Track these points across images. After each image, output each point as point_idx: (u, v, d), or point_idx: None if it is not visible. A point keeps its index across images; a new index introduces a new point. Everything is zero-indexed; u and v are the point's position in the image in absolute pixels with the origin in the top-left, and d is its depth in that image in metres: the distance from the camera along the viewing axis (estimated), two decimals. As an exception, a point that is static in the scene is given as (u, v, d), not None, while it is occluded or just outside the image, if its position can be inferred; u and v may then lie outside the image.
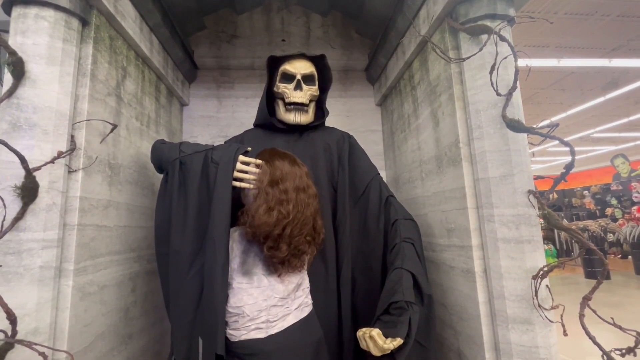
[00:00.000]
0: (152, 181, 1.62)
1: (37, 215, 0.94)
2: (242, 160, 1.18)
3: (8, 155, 0.91)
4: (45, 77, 1.01)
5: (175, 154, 1.21)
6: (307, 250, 1.15)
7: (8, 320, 0.80)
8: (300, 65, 1.48)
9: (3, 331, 0.80)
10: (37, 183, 0.94)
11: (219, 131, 2.19)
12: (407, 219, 1.39)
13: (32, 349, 0.79)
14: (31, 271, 0.92)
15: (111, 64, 1.28)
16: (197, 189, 1.15)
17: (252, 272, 1.13)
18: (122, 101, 1.36)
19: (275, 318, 1.09)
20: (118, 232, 1.30)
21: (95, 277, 1.13)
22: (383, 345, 1.00)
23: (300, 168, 1.20)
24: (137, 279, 1.44)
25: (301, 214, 1.11)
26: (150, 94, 1.65)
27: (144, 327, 1.48)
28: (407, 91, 1.81)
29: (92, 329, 1.10)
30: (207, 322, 1.05)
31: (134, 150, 1.46)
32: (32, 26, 1.03)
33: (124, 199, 1.35)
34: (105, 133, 1.21)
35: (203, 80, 2.24)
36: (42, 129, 0.99)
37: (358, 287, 1.44)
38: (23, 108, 0.97)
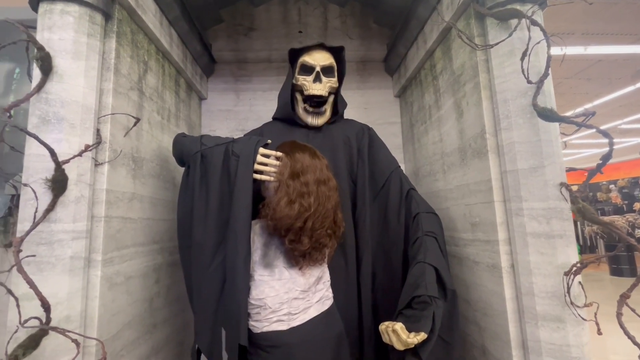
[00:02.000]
0: (173, 175, 1.65)
1: (67, 207, 0.97)
2: (262, 153, 1.17)
3: (38, 149, 0.94)
4: (71, 72, 1.03)
5: (196, 147, 1.22)
6: (327, 243, 1.14)
7: (42, 308, 0.83)
8: (319, 57, 1.45)
9: (38, 318, 0.83)
10: (66, 176, 0.96)
11: (237, 124, 2.20)
12: (429, 213, 1.36)
13: (66, 336, 0.81)
14: (62, 261, 0.94)
15: (133, 58, 1.29)
16: (218, 181, 1.16)
17: (274, 264, 1.13)
18: (144, 95, 1.38)
19: (297, 311, 1.09)
20: (142, 224, 1.32)
21: (122, 268, 1.16)
22: (407, 340, 0.98)
23: (321, 160, 1.19)
24: (161, 271, 1.46)
25: (322, 206, 1.10)
26: (170, 88, 1.67)
27: (168, 318, 1.52)
28: (428, 81, 1.76)
29: (119, 318, 1.13)
30: (230, 314, 1.06)
31: (156, 144, 1.48)
32: (58, 21, 1.04)
33: (147, 192, 1.37)
34: (129, 127, 1.23)
35: (221, 74, 2.25)
36: (69, 122, 1.00)
37: (378, 280, 1.42)
38: (51, 102, 0.99)
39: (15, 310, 0.86)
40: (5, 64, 2.87)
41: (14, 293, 0.88)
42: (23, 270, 0.82)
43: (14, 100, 2.66)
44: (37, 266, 0.91)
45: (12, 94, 2.80)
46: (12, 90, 2.82)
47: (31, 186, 0.92)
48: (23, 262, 0.86)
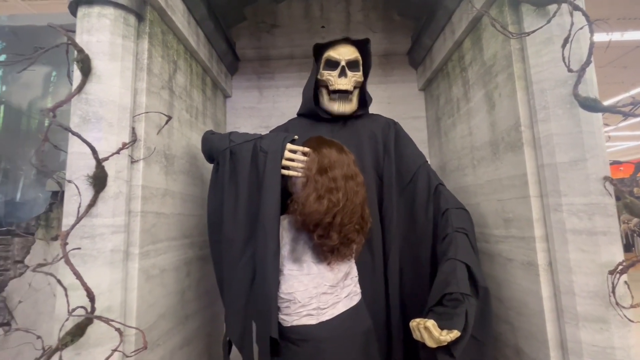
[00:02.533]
0: (202, 171, 1.69)
1: (107, 203, 1.01)
2: (289, 149, 1.18)
3: (80, 147, 0.98)
4: (108, 73, 1.07)
5: (225, 143, 1.24)
6: (355, 239, 1.14)
7: (88, 298, 0.87)
8: (344, 51, 1.44)
9: (84, 308, 0.87)
10: (106, 172, 1.00)
11: (260, 121, 2.22)
12: (459, 209, 1.33)
13: (109, 325, 0.85)
14: (103, 254, 0.99)
15: (164, 58, 1.33)
16: (247, 177, 1.18)
17: (302, 259, 1.14)
18: (174, 94, 1.41)
19: (326, 305, 1.10)
20: (174, 219, 1.36)
21: (157, 261, 1.20)
22: (439, 337, 0.96)
23: (348, 156, 1.18)
24: (191, 265, 1.51)
25: (351, 202, 1.10)
26: (198, 87, 1.71)
27: (198, 310, 1.56)
28: (456, 73, 1.71)
29: (155, 309, 1.18)
30: (260, 307, 1.08)
31: (185, 141, 1.52)
32: (96, 24, 1.08)
33: (178, 188, 1.41)
34: (161, 125, 1.27)
35: (244, 71, 2.27)
36: (107, 122, 1.05)
37: (405, 277, 1.41)
38: (91, 102, 1.04)
39: (62, 300, 0.91)
40: (43, 68, 3.02)
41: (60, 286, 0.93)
42: (70, 262, 0.86)
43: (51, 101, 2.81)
44: (81, 258, 0.96)
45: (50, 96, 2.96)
46: (50, 92, 2.97)
47: (75, 183, 0.97)
48: (69, 255, 0.91)
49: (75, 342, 0.89)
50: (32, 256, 2.10)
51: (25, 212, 2.72)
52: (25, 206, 2.67)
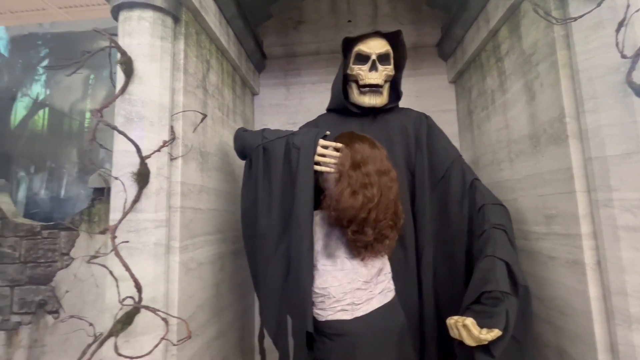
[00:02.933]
0: (232, 168, 1.73)
1: (150, 198, 1.06)
2: (322, 144, 1.18)
3: (125, 146, 1.03)
4: (148, 74, 1.11)
5: (258, 140, 1.26)
6: (389, 235, 1.13)
7: (136, 288, 0.92)
8: (375, 45, 1.42)
9: (132, 297, 0.92)
10: (149, 169, 1.05)
11: (287, 118, 2.24)
12: (496, 204, 1.28)
13: (156, 314, 0.90)
14: (148, 247, 1.04)
15: (198, 57, 1.37)
16: (280, 173, 1.19)
17: (335, 255, 1.14)
18: (207, 92, 1.45)
19: (360, 301, 1.10)
20: (209, 214, 1.41)
21: (195, 255, 1.25)
22: (479, 336, 0.94)
23: (380, 151, 1.17)
24: (225, 259, 1.55)
25: (385, 197, 1.09)
26: (228, 85, 1.74)
27: (231, 303, 1.61)
28: (490, 64, 1.64)
29: (194, 301, 1.22)
30: (295, 302, 1.09)
31: (218, 139, 1.56)
32: (136, 27, 1.13)
33: (212, 184, 1.46)
34: (196, 123, 1.31)
35: (271, 69, 2.30)
36: (149, 121, 1.09)
37: (439, 274, 1.38)
38: (133, 103, 1.08)
39: (112, 290, 0.97)
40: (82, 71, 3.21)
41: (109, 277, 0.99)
42: (119, 255, 0.91)
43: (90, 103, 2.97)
44: (128, 251, 1.01)
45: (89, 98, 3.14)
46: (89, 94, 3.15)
47: (120, 179, 1.02)
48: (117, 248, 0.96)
49: (125, 330, 0.94)
50: (77, 249, 2.24)
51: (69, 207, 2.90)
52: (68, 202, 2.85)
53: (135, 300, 0.92)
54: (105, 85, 3.04)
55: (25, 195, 2.83)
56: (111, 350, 0.95)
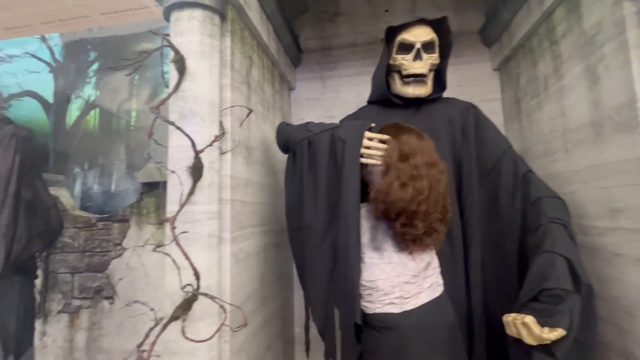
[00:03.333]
0: (273, 162, 1.76)
1: (203, 191, 1.10)
2: (368, 137, 1.17)
3: (180, 141, 1.08)
4: (199, 71, 1.15)
5: (302, 134, 1.27)
6: (439, 228, 1.10)
7: (195, 276, 0.97)
8: (419, 33, 1.37)
9: (191, 285, 0.97)
10: (202, 163, 1.09)
11: (324, 112, 2.24)
12: (553, 197, 1.21)
13: (214, 302, 0.94)
14: (202, 238, 1.08)
15: (242, 54, 1.40)
16: (325, 166, 1.20)
17: (382, 248, 1.13)
18: (250, 88, 1.48)
19: (409, 295, 1.08)
20: (254, 207, 1.44)
21: (243, 246, 1.29)
22: (541, 335, 0.90)
23: (428, 142, 1.14)
24: (268, 250, 1.59)
25: (435, 190, 1.06)
26: (268, 80, 1.77)
27: (274, 293, 1.65)
28: (543, 48, 1.54)
29: (243, 291, 1.27)
30: (343, 294, 1.10)
31: (261, 133, 1.59)
32: (187, 27, 1.17)
33: (256, 178, 1.49)
34: (242, 118, 1.34)
35: (307, 63, 2.30)
36: (200, 116, 1.13)
37: (488, 270, 1.33)
38: (186, 99, 1.13)
39: (171, 278, 1.02)
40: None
41: (168, 265, 1.05)
42: (180, 244, 0.96)
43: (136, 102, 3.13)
44: (185, 241, 1.06)
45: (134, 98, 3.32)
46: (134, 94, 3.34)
47: (177, 173, 1.07)
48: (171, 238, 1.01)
49: (184, 316, 0.99)
50: (128, 239, 2.39)
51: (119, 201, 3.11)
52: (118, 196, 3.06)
53: (194, 287, 0.97)
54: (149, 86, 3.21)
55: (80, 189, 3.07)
56: (172, 333, 1.01)
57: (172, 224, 1.00)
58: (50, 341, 2.39)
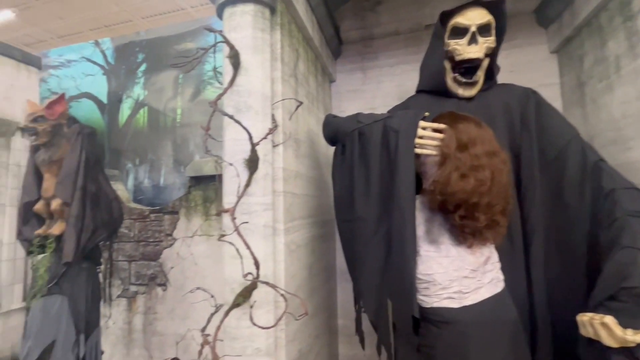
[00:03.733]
0: (317, 155, 1.76)
1: (258, 183, 1.13)
2: (422, 126, 1.13)
3: (237, 134, 1.11)
4: (252, 65, 1.17)
5: (352, 125, 1.25)
6: (501, 221, 1.05)
7: (255, 265, 1.00)
8: (474, 15, 1.30)
9: (251, 273, 1.00)
10: (258, 156, 1.11)
11: (364, 104, 2.21)
12: (629, 189, 1.10)
13: (276, 290, 0.96)
14: (258, 228, 1.11)
15: (290, 46, 1.40)
16: (378, 157, 1.17)
17: (439, 241, 1.10)
18: (297, 81, 1.49)
19: (468, 290, 1.04)
20: (302, 199, 1.46)
21: (294, 237, 1.31)
22: (624, 337, 0.83)
23: (487, 131, 1.08)
24: (315, 242, 1.61)
25: (497, 181, 1.01)
26: (312, 73, 1.77)
27: (320, 284, 1.67)
28: (614, 25, 1.40)
29: (295, 281, 1.29)
30: (399, 287, 1.08)
31: (307, 126, 1.60)
32: (240, 22, 1.19)
33: (304, 170, 1.51)
34: (291, 111, 1.35)
35: (347, 54, 2.27)
36: (254, 110, 1.16)
37: (550, 266, 1.24)
38: (241, 94, 1.15)
39: (230, 267, 1.06)
40: (171, 72, 3.56)
41: (227, 254, 1.09)
42: (241, 234, 0.99)
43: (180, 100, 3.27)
44: (242, 232, 1.09)
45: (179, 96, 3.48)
46: (179, 92, 3.50)
47: (235, 165, 1.10)
48: (229, 228, 1.05)
49: (244, 303, 1.03)
50: (178, 230, 2.53)
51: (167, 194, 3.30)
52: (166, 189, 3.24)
53: (254, 276, 1.00)
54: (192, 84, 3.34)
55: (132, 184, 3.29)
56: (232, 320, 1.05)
57: (232, 214, 1.03)
58: (111, 323, 2.60)
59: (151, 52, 3.57)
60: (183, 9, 6.50)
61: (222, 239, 1.01)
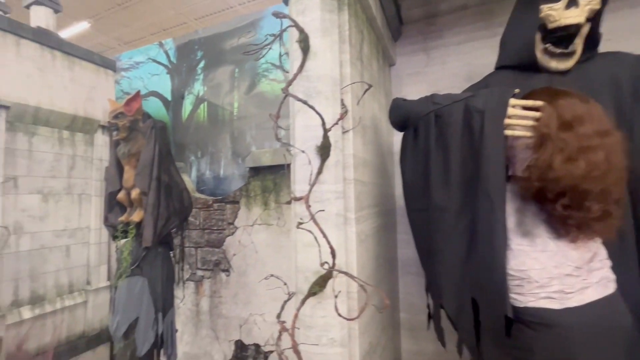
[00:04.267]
0: (380, 141, 1.69)
1: (330, 171, 1.10)
2: (513, 104, 1.00)
3: (308, 121, 1.08)
4: (321, 48, 1.13)
5: (427, 107, 1.16)
6: (614, 212, 0.90)
7: (331, 255, 0.97)
8: (574, -29, 1.12)
9: (327, 262, 0.98)
10: (330, 142, 1.08)
11: (428, 87, 2.06)
12: None
13: (355, 281, 0.93)
14: (331, 217, 1.08)
15: (356, 28, 1.34)
16: (459, 141, 1.07)
17: (533, 233, 0.97)
18: (363, 64, 1.42)
19: (572, 290, 0.91)
20: (369, 187, 1.40)
21: (363, 227, 1.27)
22: None
23: (595, 106, 0.93)
24: (380, 232, 1.55)
25: (614, 165, 0.86)
26: (374, 56, 1.68)
27: (384, 276, 1.61)
28: None
29: (364, 271, 1.25)
30: (486, 283, 0.98)
31: (371, 112, 1.53)
32: (308, 4, 1.15)
33: (369, 157, 1.44)
34: (358, 96, 1.29)
35: (408, 35, 2.13)
36: (324, 95, 1.12)
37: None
38: (311, 79, 1.12)
39: (304, 255, 1.05)
40: (228, 67, 3.69)
41: (300, 242, 1.07)
42: (317, 223, 0.97)
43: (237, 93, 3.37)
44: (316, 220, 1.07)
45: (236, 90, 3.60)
46: (235, 86, 3.62)
47: (307, 153, 1.07)
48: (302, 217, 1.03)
49: (320, 292, 1.01)
50: (239, 219, 2.63)
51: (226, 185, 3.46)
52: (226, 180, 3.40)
53: (330, 265, 0.98)
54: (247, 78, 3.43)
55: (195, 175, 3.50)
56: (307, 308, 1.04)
57: (307, 202, 1.01)
58: (182, 304, 2.81)
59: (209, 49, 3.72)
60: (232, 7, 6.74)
61: (300, 226, 1.00)
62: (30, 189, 3.00)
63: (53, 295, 3.12)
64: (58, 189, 3.21)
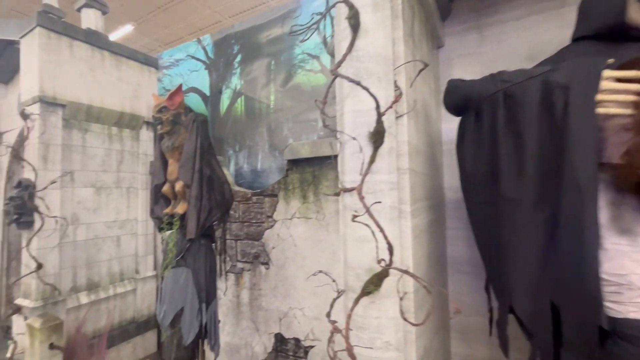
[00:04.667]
0: (430, 129, 1.55)
1: (383, 159, 1.00)
2: (608, 76, 0.84)
3: (358, 105, 0.99)
4: (372, 25, 1.03)
5: (494, 86, 1.02)
6: None
7: (388, 251, 0.88)
8: None
9: (384, 260, 0.89)
10: (384, 128, 0.98)
11: (481, 69, 1.86)
12: None
13: (417, 281, 0.83)
14: (385, 210, 0.99)
15: (408, 2, 1.21)
16: (536, 124, 0.93)
17: (634, 231, 0.82)
18: (414, 42, 1.29)
19: (686, 299, 0.75)
20: (422, 178, 1.29)
21: (418, 221, 1.16)
22: None
23: None
24: (431, 227, 1.43)
25: None
26: (423, 35, 1.54)
27: (434, 276, 1.49)
28: None
29: (419, 269, 1.14)
30: (575, 288, 0.84)
31: (421, 95, 1.40)
32: (358, -23, 1.05)
33: (421, 145, 1.32)
34: (411, 77, 1.17)
35: (458, 13, 1.95)
36: (377, 76, 1.02)
37: None
38: (361, 59, 1.03)
39: (355, 251, 0.97)
40: (263, 60, 3.67)
41: (351, 237, 0.99)
42: (372, 215, 0.88)
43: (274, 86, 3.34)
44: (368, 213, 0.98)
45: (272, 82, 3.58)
46: (272, 79, 3.60)
47: (358, 140, 0.99)
48: (345, 210, 0.94)
49: (374, 292, 0.92)
50: (278, 212, 2.60)
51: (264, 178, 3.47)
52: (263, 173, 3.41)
53: (386, 262, 0.89)
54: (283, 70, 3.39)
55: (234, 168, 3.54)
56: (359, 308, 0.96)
57: (360, 193, 0.93)
58: (223, 295, 2.87)
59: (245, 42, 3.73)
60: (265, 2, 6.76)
61: (355, 219, 0.92)
62: (84, 183, 3.20)
63: (106, 283, 3.33)
64: (108, 182, 3.40)
